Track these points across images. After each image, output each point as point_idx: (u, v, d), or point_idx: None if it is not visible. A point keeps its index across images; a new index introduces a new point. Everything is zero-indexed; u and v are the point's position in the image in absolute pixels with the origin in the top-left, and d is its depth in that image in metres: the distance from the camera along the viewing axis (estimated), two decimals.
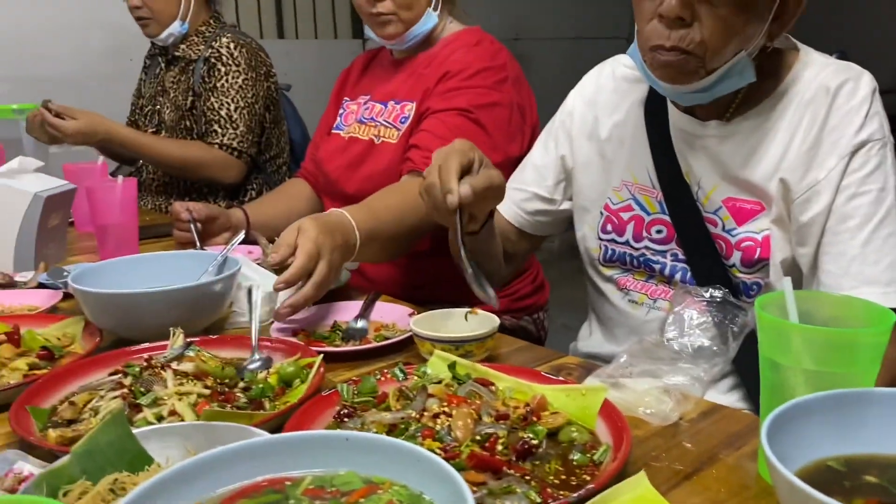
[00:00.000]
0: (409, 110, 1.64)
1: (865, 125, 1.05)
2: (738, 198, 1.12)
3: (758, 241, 1.11)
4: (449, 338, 1.01)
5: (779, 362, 0.72)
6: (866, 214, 1.03)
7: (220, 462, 0.61)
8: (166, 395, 0.87)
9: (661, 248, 1.21)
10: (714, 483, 0.74)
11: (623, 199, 1.25)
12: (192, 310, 1.12)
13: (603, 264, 1.29)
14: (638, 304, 1.25)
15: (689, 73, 1.05)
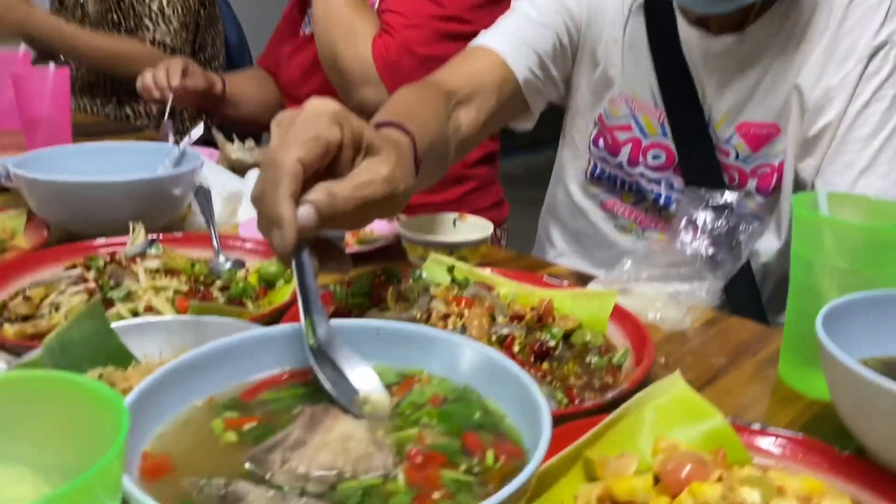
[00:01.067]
0: None
1: (885, 24, 0.98)
2: (753, 122, 1.04)
3: (774, 167, 1.05)
4: (442, 242, 0.95)
5: (811, 261, 0.70)
6: (879, 123, 0.97)
7: (235, 352, 0.55)
8: (140, 290, 0.79)
9: (657, 175, 1.13)
10: (736, 388, 0.72)
11: (620, 116, 1.14)
12: (152, 205, 1.02)
13: (590, 181, 1.20)
14: (626, 230, 1.18)
15: None
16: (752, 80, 1.04)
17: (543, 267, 1.03)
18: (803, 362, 0.72)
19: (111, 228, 0.97)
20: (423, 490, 0.43)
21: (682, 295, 0.83)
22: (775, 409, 0.69)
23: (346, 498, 0.42)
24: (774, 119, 1.04)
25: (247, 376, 0.54)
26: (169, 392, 0.49)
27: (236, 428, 0.48)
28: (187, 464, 0.45)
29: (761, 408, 0.69)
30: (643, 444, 0.58)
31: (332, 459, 0.44)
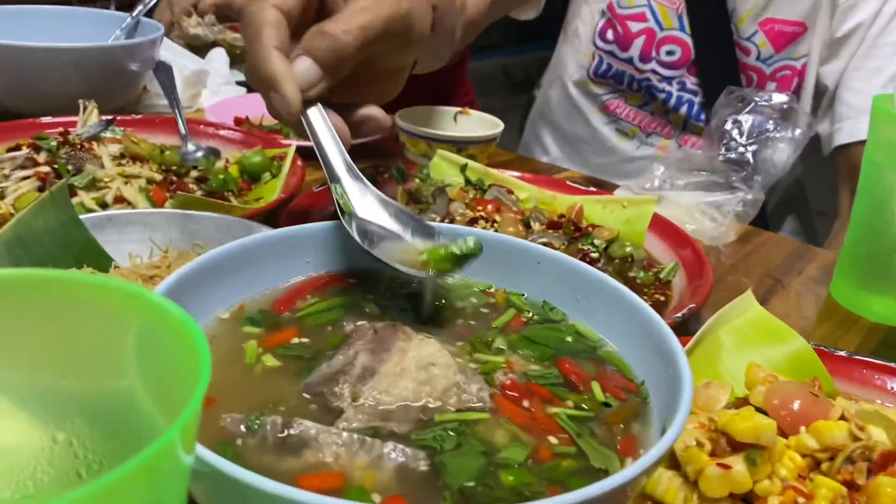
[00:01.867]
0: None
1: None
2: (779, 18, 0.97)
3: (796, 70, 0.99)
4: (449, 137, 0.84)
5: (885, 168, 0.63)
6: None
7: (261, 254, 0.44)
8: (107, 177, 0.65)
9: (670, 73, 1.04)
10: (792, 310, 0.66)
11: (635, 5, 1.05)
12: (105, 80, 0.87)
13: (592, 79, 1.11)
14: (628, 135, 1.10)
15: None
16: None
17: (553, 171, 0.93)
18: (864, 282, 0.66)
19: (58, 106, 0.82)
20: (535, 433, 0.34)
21: (721, 205, 0.75)
22: (838, 333, 0.63)
23: (440, 440, 0.33)
24: (803, 17, 0.97)
25: (277, 281, 0.43)
26: (188, 300, 0.38)
27: (275, 348, 0.38)
28: (223, 395, 0.35)
29: (823, 331, 0.63)
30: (725, 370, 0.52)
31: (415, 391, 0.35)
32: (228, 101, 0.97)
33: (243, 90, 1.04)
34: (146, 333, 0.23)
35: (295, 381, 0.36)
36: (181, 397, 0.20)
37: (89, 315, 0.24)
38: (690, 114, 1.05)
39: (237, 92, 1.03)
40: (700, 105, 1.04)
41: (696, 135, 1.05)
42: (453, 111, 0.92)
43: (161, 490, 0.19)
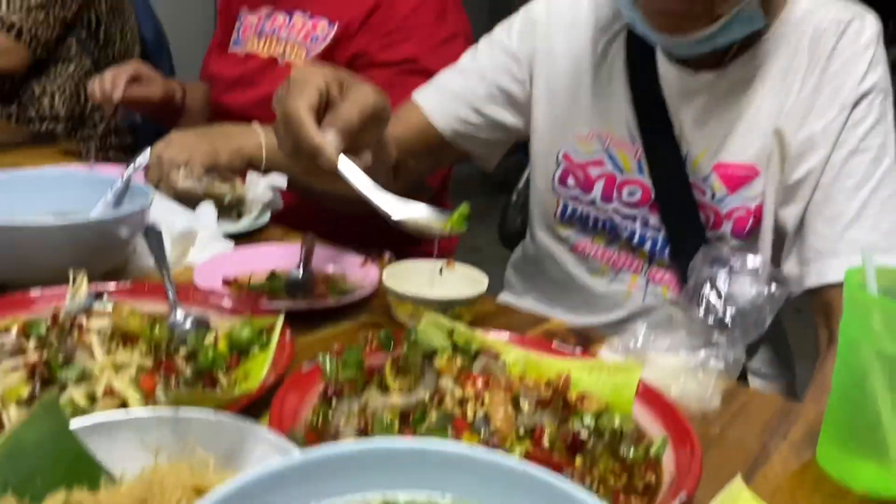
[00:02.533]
0: (322, 30, 1.43)
1: (869, 72, 0.96)
2: (731, 162, 1.02)
3: (751, 210, 1.02)
4: (436, 299, 0.85)
5: (859, 342, 0.65)
6: (865, 174, 0.95)
7: (267, 486, 0.44)
8: (97, 368, 0.66)
9: (632, 211, 1.09)
10: (779, 481, 0.66)
11: (593, 152, 1.10)
12: (95, 250, 0.88)
13: (559, 222, 1.16)
14: (599, 274, 1.13)
15: (694, 18, 0.92)
16: (731, 120, 1.02)
17: (538, 323, 0.95)
18: (848, 451, 0.67)
19: (47, 278, 0.83)
20: None
21: (705, 366, 0.77)
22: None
23: None
24: (753, 161, 1.01)
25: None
26: None
27: None
28: None
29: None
30: None
31: None
32: (216, 260, 0.98)
33: (231, 244, 1.06)
34: None
35: None
36: None
37: None
38: (655, 249, 1.08)
39: (225, 247, 1.04)
40: (664, 240, 1.07)
41: (663, 268, 1.09)
42: (438, 265, 0.94)
43: None
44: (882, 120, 0.97)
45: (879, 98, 0.97)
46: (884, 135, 0.97)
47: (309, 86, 0.75)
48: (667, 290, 1.09)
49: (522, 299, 1.25)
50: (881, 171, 0.96)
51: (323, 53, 1.41)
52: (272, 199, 1.20)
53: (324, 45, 1.41)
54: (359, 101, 0.77)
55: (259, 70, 1.48)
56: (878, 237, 0.94)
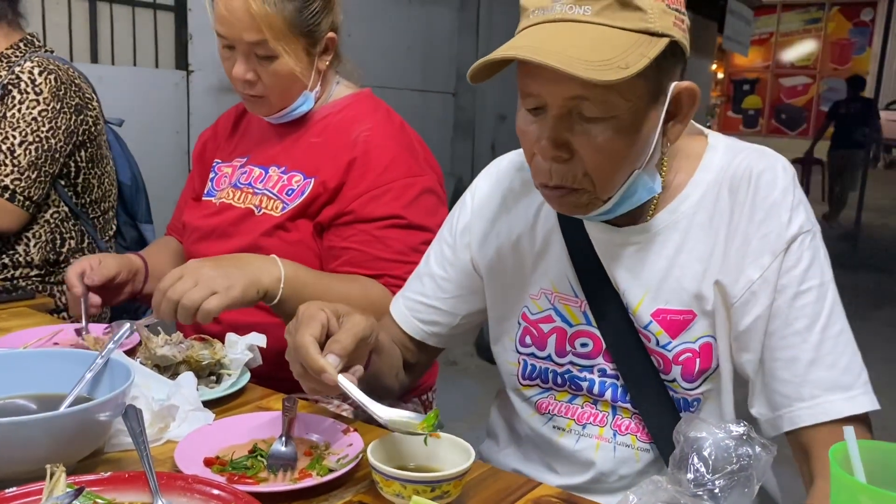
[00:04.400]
0: (298, 183, 1.47)
1: (793, 217, 0.99)
2: (668, 309, 1.04)
3: (696, 352, 1.04)
4: (424, 478, 0.84)
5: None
6: (813, 314, 0.97)
7: None
8: None
9: (588, 362, 1.11)
10: None
11: (542, 310, 1.13)
12: (74, 438, 0.86)
13: (522, 383, 1.17)
14: (565, 430, 1.13)
15: (584, 205, 0.98)
16: (661, 269, 1.05)
17: (525, 488, 0.94)
18: None
19: (21, 471, 0.81)
20: None
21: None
22: None
23: None
24: (688, 306, 1.04)
25: None
26: None
27: None
28: None
29: None
30: None
31: None
32: (197, 437, 0.97)
33: (212, 416, 1.04)
34: None
35: None
36: None
37: None
38: (616, 397, 1.09)
39: (206, 418, 1.03)
40: (623, 388, 1.09)
41: (627, 417, 1.10)
42: (423, 436, 0.93)
43: None
44: (816, 258, 0.99)
45: (808, 238, 0.99)
46: (821, 273, 0.99)
47: (314, 321, 0.94)
48: (635, 438, 1.09)
49: (504, 452, 1.25)
50: (827, 307, 0.98)
51: (301, 207, 1.43)
52: (252, 358, 1.19)
53: (300, 198, 1.44)
54: (352, 330, 0.95)
55: (235, 221, 1.50)
56: (838, 375, 0.96)
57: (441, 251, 1.23)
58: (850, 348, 0.98)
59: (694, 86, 0.96)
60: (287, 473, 0.92)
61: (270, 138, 1.56)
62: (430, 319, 1.23)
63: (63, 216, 2.00)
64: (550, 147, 0.93)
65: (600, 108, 0.90)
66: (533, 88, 0.93)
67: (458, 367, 4.08)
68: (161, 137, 3.68)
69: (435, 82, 5.71)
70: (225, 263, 1.23)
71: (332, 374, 0.90)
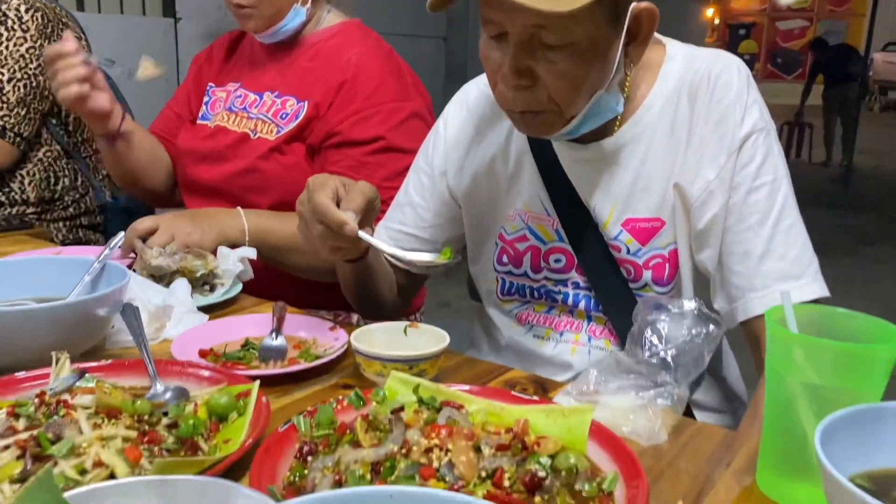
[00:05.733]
0: (292, 107, 1.51)
1: (746, 116, 1.03)
2: (637, 218, 1.09)
3: (665, 258, 1.09)
4: (401, 357, 0.91)
5: (784, 376, 0.71)
6: (765, 209, 1.02)
7: None
8: (85, 443, 0.70)
9: (561, 277, 1.16)
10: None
11: (517, 229, 1.18)
12: (76, 330, 0.93)
13: (501, 298, 1.23)
14: (544, 339, 1.20)
15: (549, 126, 1.02)
16: (628, 180, 1.09)
17: (499, 372, 1.01)
18: (783, 474, 0.73)
19: (29, 359, 0.87)
20: None
21: (652, 404, 0.83)
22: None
23: None
24: (656, 213, 1.09)
25: None
26: None
27: None
28: None
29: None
30: None
31: None
32: (191, 332, 1.03)
33: (205, 317, 1.11)
34: None
35: None
36: None
37: None
38: (589, 307, 1.15)
39: (200, 319, 1.09)
40: (595, 299, 1.14)
41: (601, 325, 1.16)
42: (403, 325, 1.00)
43: None
44: (769, 155, 1.04)
45: (762, 136, 1.04)
46: (774, 169, 1.03)
47: (326, 186, 1.00)
48: (608, 342, 1.16)
49: (485, 360, 1.31)
50: (779, 202, 1.03)
51: (295, 131, 1.48)
52: (243, 270, 1.25)
53: (295, 122, 1.49)
54: (361, 192, 1.01)
55: (231, 145, 1.54)
56: (788, 266, 1.01)
57: (419, 180, 1.28)
58: (800, 240, 1.03)
59: (652, 6, 0.98)
60: (277, 363, 0.99)
61: (264, 63, 1.59)
62: (411, 248, 1.27)
63: (56, 154, 2.04)
64: (513, 75, 0.95)
65: (559, 35, 0.92)
66: (493, 16, 0.95)
67: (451, 308, 4.16)
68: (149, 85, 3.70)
69: (426, 27, 5.70)
70: (198, 219, 1.35)
71: (353, 226, 0.96)
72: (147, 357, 0.90)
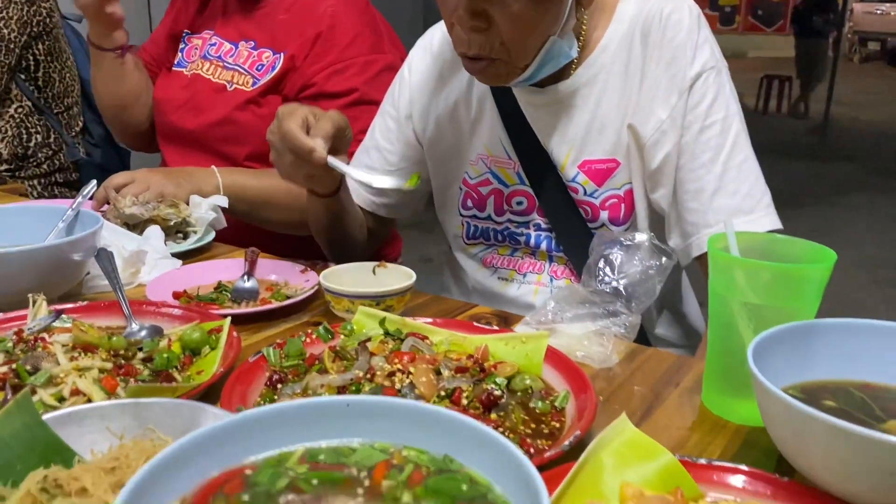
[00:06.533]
0: (268, 59, 1.52)
1: (697, 55, 1.05)
2: (593, 159, 1.12)
3: (621, 197, 1.12)
4: (369, 293, 0.95)
5: (726, 297, 0.76)
6: (716, 147, 1.04)
7: (212, 442, 0.52)
8: (62, 373, 0.74)
9: (524, 219, 1.19)
10: (669, 421, 0.77)
11: (480, 174, 1.21)
12: (51, 274, 0.95)
13: (467, 242, 1.26)
14: (508, 280, 1.23)
15: (503, 75, 1.04)
16: (583, 124, 1.11)
17: (464, 308, 1.05)
18: (726, 391, 0.78)
19: (7, 302, 0.90)
20: None
21: (605, 331, 0.87)
22: (708, 438, 0.74)
23: None
24: (611, 154, 1.11)
25: (223, 465, 0.52)
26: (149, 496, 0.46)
27: None
28: None
29: (696, 438, 0.74)
30: (607, 489, 0.61)
31: None
32: (166, 276, 1.06)
33: (179, 262, 1.13)
34: None
35: None
36: None
37: None
38: (550, 248, 1.19)
39: (173, 265, 1.12)
40: (556, 240, 1.18)
41: (562, 265, 1.20)
42: (371, 265, 1.03)
43: None
44: (720, 93, 1.06)
45: (713, 75, 1.05)
46: (725, 107, 1.05)
47: (295, 114, 1.00)
48: (569, 282, 1.19)
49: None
50: (730, 140, 1.05)
51: (271, 83, 1.49)
52: (216, 218, 1.28)
53: (271, 74, 1.50)
54: (331, 119, 1.01)
55: (208, 95, 1.55)
56: (739, 201, 1.03)
57: (385, 124, 1.30)
58: (751, 176, 1.05)
59: None
60: (249, 303, 1.02)
61: (239, 12, 1.59)
62: (378, 193, 1.30)
63: (27, 111, 2.04)
64: (468, 17, 0.96)
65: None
66: None
67: (433, 263, 4.20)
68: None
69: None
70: (174, 175, 1.37)
71: (322, 152, 0.97)
72: (122, 298, 0.93)
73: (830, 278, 0.75)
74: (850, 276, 4.07)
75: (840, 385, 0.71)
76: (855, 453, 0.56)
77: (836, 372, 0.72)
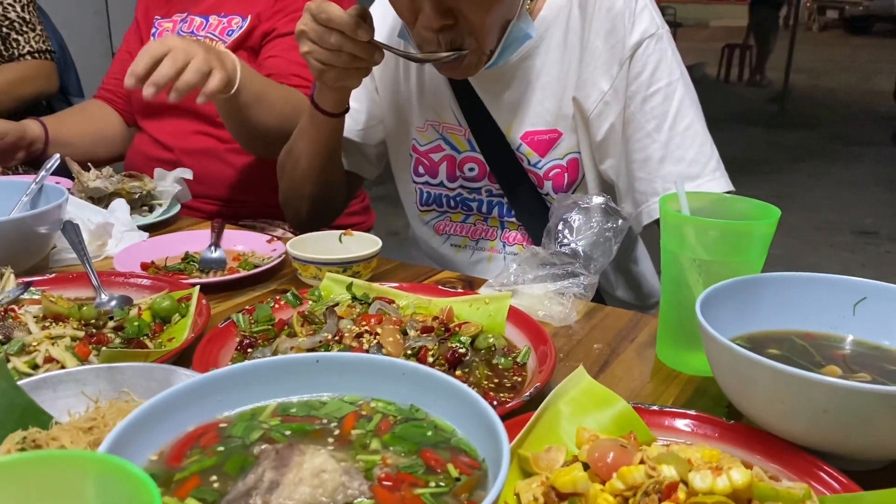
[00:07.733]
0: (237, 24, 1.52)
1: (636, 24, 1.05)
2: (535, 130, 1.13)
3: (564, 167, 1.13)
4: (335, 260, 0.97)
5: (677, 254, 0.79)
6: (661, 115, 1.05)
7: (187, 398, 0.55)
8: (35, 341, 0.75)
9: (475, 185, 1.20)
10: (625, 373, 0.81)
11: (431, 140, 1.21)
12: (17, 247, 0.96)
13: (420, 210, 1.27)
14: (461, 247, 1.25)
15: (473, 65, 1.03)
16: (523, 94, 1.12)
17: (430, 274, 1.08)
18: (678, 344, 0.82)
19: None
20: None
21: (565, 291, 0.91)
22: (661, 388, 0.78)
23: None
24: (553, 126, 1.12)
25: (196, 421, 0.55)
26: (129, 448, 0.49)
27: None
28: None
29: (649, 388, 0.78)
30: (565, 435, 0.65)
31: (311, 494, 0.47)
32: (133, 248, 1.07)
33: (146, 235, 1.14)
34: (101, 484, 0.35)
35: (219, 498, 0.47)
36: None
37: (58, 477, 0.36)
38: (502, 213, 1.21)
39: (140, 237, 1.13)
40: (508, 205, 1.20)
41: (515, 230, 1.22)
42: (338, 234, 1.05)
43: None
44: (662, 60, 1.06)
45: (653, 42, 1.05)
46: (668, 73, 1.06)
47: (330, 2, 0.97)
48: (521, 247, 1.20)
49: None
50: (674, 106, 1.05)
51: (239, 39, 1.49)
52: (181, 191, 1.29)
53: (239, 32, 1.50)
54: None
55: None
56: (685, 167, 1.05)
57: None
58: (696, 141, 1.06)
59: None
60: (217, 272, 1.04)
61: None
62: (346, 154, 1.30)
63: None
64: (437, 16, 0.95)
65: None
66: None
67: (399, 237, 4.22)
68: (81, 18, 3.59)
69: None
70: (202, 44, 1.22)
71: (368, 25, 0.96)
72: (90, 269, 0.94)
73: (787, 242, 0.79)
74: (808, 240, 4.18)
75: (784, 335, 0.76)
76: (794, 394, 0.60)
77: (781, 322, 0.76)
